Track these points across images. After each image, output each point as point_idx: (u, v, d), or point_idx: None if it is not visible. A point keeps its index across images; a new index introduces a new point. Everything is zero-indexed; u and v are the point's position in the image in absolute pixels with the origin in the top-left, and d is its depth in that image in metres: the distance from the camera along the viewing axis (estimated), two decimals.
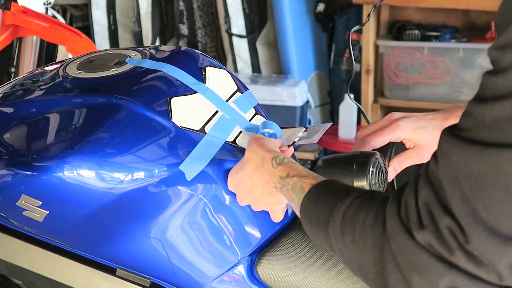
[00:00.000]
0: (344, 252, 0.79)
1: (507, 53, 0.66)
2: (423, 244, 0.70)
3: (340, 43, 3.30)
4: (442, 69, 2.99)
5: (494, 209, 0.67)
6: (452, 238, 0.69)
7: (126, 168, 1.00)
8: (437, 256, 0.70)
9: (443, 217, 0.69)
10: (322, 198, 0.83)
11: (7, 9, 2.03)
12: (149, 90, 1.08)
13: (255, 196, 0.98)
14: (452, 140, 0.69)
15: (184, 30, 3.25)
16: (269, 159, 0.93)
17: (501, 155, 0.66)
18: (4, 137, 1.05)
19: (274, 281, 1.08)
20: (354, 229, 0.77)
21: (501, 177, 0.66)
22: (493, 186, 0.66)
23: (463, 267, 0.69)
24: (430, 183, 0.71)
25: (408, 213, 0.72)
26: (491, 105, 0.67)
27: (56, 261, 1.11)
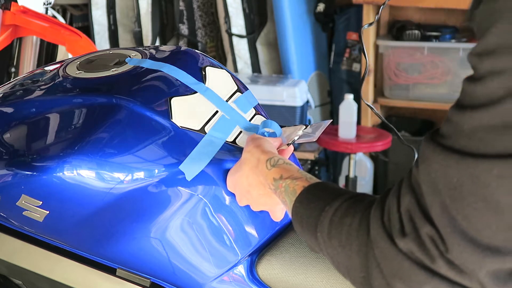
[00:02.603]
0: (332, 256, 0.79)
1: (484, 61, 0.66)
2: (405, 251, 0.71)
3: (340, 43, 3.30)
4: (442, 69, 2.99)
5: (472, 219, 0.67)
6: (433, 246, 0.69)
7: (126, 168, 1.00)
8: (419, 263, 0.70)
9: (424, 225, 0.69)
10: (312, 201, 0.83)
11: (7, 9, 2.03)
12: (149, 90, 1.08)
13: (253, 197, 0.98)
14: (433, 146, 0.69)
15: (184, 30, 3.25)
16: (264, 161, 0.93)
17: (478, 165, 0.66)
18: (4, 137, 1.05)
19: (274, 281, 1.08)
20: (340, 233, 0.77)
21: (479, 187, 0.66)
22: (471, 196, 0.66)
23: (445, 275, 0.69)
24: (412, 189, 0.71)
25: (390, 219, 0.73)
26: (469, 114, 0.67)
27: (56, 261, 1.11)
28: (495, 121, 0.65)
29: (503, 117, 0.64)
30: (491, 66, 0.65)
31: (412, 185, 0.72)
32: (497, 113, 0.65)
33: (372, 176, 3.15)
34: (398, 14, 3.18)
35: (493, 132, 0.65)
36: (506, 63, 0.64)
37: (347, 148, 2.80)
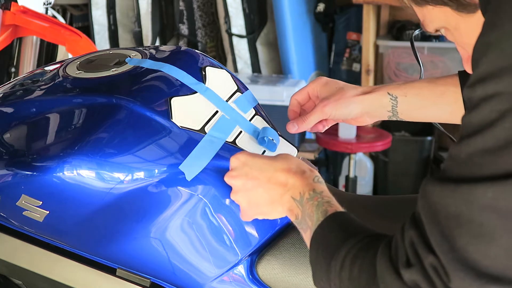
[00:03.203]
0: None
1: (477, 89, 0.68)
2: (410, 284, 0.71)
3: (340, 43, 3.30)
4: (442, 69, 2.99)
5: (470, 247, 0.68)
6: (436, 277, 0.70)
7: (126, 168, 1.00)
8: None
9: (427, 255, 0.70)
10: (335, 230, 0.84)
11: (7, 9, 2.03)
12: (149, 90, 1.08)
13: (262, 211, 0.97)
14: (432, 181, 0.71)
15: (184, 30, 3.25)
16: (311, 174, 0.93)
17: (473, 191, 0.67)
18: (4, 137, 1.05)
19: (274, 281, 1.08)
20: (353, 265, 0.78)
21: (475, 213, 0.67)
22: (468, 224, 0.68)
23: None
24: (415, 223, 0.73)
25: (397, 253, 0.74)
26: (465, 142, 0.69)
27: (56, 261, 1.11)
28: (489, 144, 0.67)
29: (496, 139, 0.66)
30: (483, 93, 0.67)
31: (415, 219, 0.73)
32: (490, 136, 0.67)
33: (372, 176, 3.15)
34: (398, 14, 3.18)
35: (487, 155, 0.67)
36: (496, 88, 0.66)
37: (347, 148, 2.80)
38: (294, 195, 0.91)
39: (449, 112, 1.13)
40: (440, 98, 1.13)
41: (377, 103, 1.13)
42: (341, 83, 1.16)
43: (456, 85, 1.12)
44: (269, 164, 0.95)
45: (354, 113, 1.13)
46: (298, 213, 0.91)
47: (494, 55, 0.67)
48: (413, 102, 1.13)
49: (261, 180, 0.95)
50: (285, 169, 0.94)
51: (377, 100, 1.13)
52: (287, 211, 0.93)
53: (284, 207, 0.93)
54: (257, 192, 0.95)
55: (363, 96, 1.13)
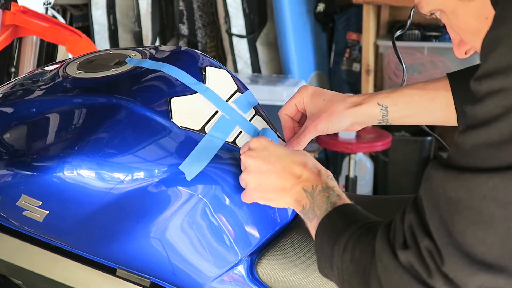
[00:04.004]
0: (340, 271, 0.82)
1: (483, 83, 0.69)
2: (405, 264, 0.73)
3: (340, 43, 3.30)
4: (442, 69, 2.99)
5: (467, 233, 0.69)
6: (430, 260, 0.71)
7: (126, 168, 1.00)
8: (417, 277, 0.72)
9: (424, 238, 0.72)
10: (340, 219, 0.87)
11: (7, 9, 2.03)
12: (149, 90, 1.08)
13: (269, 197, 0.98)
14: (436, 166, 0.73)
15: (184, 30, 3.25)
16: (324, 171, 0.95)
17: (475, 179, 0.69)
18: (4, 137, 1.05)
19: (274, 281, 1.08)
20: (354, 248, 0.80)
21: (475, 200, 0.69)
22: (468, 210, 0.69)
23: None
24: (416, 207, 0.75)
25: (395, 235, 0.75)
26: (470, 133, 0.70)
27: (56, 261, 1.11)
28: (493, 138, 0.68)
29: (501, 134, 0.68)
30: (489, 87, 0.69)
31: (416, 203, 0.75)
32: (495, 130, 0.68)
33: (372, 176, 3.15)
34: (398, 14, 3.18)
35: (491, 148, 0.68)
36: (503, 83, 0.68)
37: (347, 148, 2.80)
38: (306, 187, 0.93)
39: (440, 116, 1.14)
40: (431, 104, 1.13)
41: (368, 114, 1.13)
42: (327, 93, 1.14)
43: (447, 89, 1.12)
44: (287, 155, 0.97)
45: (345, 126, 1.14)
46: (306, 203, 0.92)
47: (503, 50, 0.68)
48: (404, 109, 1.14)
49: (276, 167, 0.96)
50: (302, 163, 0.95)
51: (367, 112, 1.13)
52: (294, 201, 0.94)
53: (292, 197, 0.95)
54: (270, 177, 0.96)
55: (354, 108, 1.12)
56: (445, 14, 0.85)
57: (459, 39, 0.89)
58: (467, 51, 0.90)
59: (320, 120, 1.12)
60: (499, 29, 0.69)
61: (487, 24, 0.71)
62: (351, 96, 1.15)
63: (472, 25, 0.82)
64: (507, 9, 0.69)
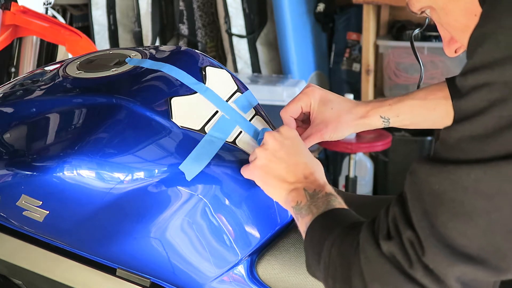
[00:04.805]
0: (327, 266, 0.82)
1: (469, 78, 0.70)
2: (388, 255, 0.74)
3: (340, 43, 3.30)
4: (442, 69, 2.99)
5: (449, 224, 0.70)
6: (412, 250, 0.72)
7: (126, 168, 1.00)
8: (398, 267, 0.73)
9: (406, 230, 0.73)
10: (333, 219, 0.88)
11: (7, 9, 2.03)
12: (149, 90, 1.08)
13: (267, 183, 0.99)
14: (421, 160, 0.74)
15: (184, 30, 3.25)
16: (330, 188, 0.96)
17: (458, 171, 0.70)
18: (4, 137, 1.05)
19: (274, 281, 1.08)
20: (342, 242, 0.81)
21: (458, 192, 0.69)
22: (450, 202, 0.70)
23: (420, 281, 0.72)
24: (400, 200, 0.76)
25: (379, 226, 0.76)
26: (454, 127, 0.71)
27: (56, 261, 1.11)
28: (477, 131, 0.69)
29: (485, 127, 0.68)
30: (474, 82, 0.69)
31: (401, 197, 0.76)
32: (479, 124, 0.69)
33: (372, 176, 3.15)
34: (398, 14, 3.18)
35: (475, 141, 0.69)
36: (488, 78, 0.68)
37: (347, 148, 2.80)
38: (308, 188, 0.94)
39: (441, 123, 1.17)
40: (432, 113, 1.17)
41: (371, 125, 1.18)
42: (334, 100, 1.16)
43: (447, 98, 1.15)
44: (306, 156, 0.99)
45: (348, 134, 1.18)
46: (301, 200, 0.93)
47: (489, 46, 0.69)
48: (405, 120, 1.18)
49: (290, 159, 0.97)
50: (314, 169, 0.97)
51: (371, 123, 1.18)
52: (289, 196, 0.95)
53: (289, 192, 0.95)
54: (280, 164, 0.98)
55: (358, 121, 1.16)
56: (435, 12, 0.86)
57: (449, 37, 0.90)
58: (457, 49, 0.92)
59: (327, 129, 1.15)
60: (486, 26, 0.70)
61: (476, 21, 0.72)
62: (356, 106, 1.17)
63: (461, 22, 0.83)
64: (494, 7, 0.70)
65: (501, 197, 0.68)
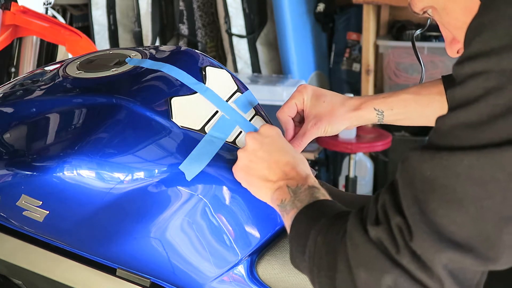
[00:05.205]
0: (312, 255, 0.81)
1: (465, 66, 0.70)
2: (375, 240, 0.73)
3: (340, 43, 3.30)
4: (442, 69, 2.99)
5: (439, 211, 0.69)
6: (400, 236, 0.71)
7: (126, 168, 1.00)
8: (385, 253, 0.72)
9: (396, 216, 0.72)
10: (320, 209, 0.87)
11: (7, 9, 2.03)
12: (149, 90, 1.08)
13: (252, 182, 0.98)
14: (414, 148, 0.74)
15: (184, 30, 3.25)
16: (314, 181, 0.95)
17: (451, 157, 0.69)
18: (4, 137, 1.05)
19: (274, 281, 1.08)
20: (328, 231, 0.80)
21: (450, 179, 0.69)
22: (441, 188, 0.69)
23: (406, 267, 0.71)
24: (391, 188, 0.75)
25: (368, 213, 0.76)
26: (448, 115, 0.71)
27: (56, 261, 1.11)
28: (471, 119, 0.69)
29: (479, 115, 0.68)
30: (471, 70, 0.69)
31: (392, 185, 0.76)
32: (473, 111, 0.68)
33: (372, 176, 3.15)
34: (398, 14, 3.18)
35: (469, 129, 0.69)
36: (485, 66, 0.68)
37: (347, 148, 2.80)
38: (290, 184, 0.93)
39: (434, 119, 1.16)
40: (426, 109, 1.17)
41: (365, 118, 1.18)
42: (327, 94, 1.17)
43: (441, 94, 1.15)
44: (287, 152, 0.98)
45: (343, 128, 1.18)
46: (285, 198, 0.92)
47: (487, 35, 0.69)
48: (399, 114, 1.18)
49: (271, 158, 0.97)
50: (295, 165, 0.96)
51: (364, 116, 1.17)
52: (274, 195, 0.94)
53: (273, 191, 0.94)
54: (260, 164, 0.97)
55: (352, 113, 1.16)
56: (436, 11, 0.87)
57: (451, 38, 0.90)
58: (459, 50, 0.91)
59: (322, 122, 1.14)
60: (484, 16, 0.70)
61: None
62: (350, 99, 1.18)
63: (462, 20, 0.83)
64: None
65: (494, 185, 0.68)
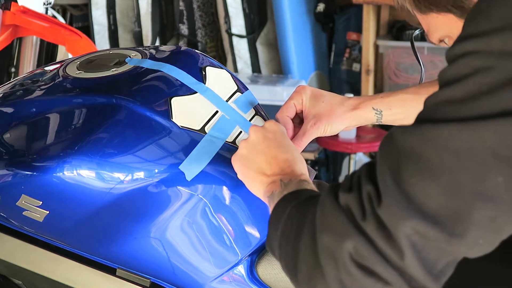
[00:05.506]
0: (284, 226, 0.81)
1: (456, 47, 0.70)
2: (343, 206, 0.73)
3: (340, 43, 3.30)
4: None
5: (412, 181, 0.69)
6: (368, 203, 0.71)
7: (126, 168, 1.00)
8: (350, 219, 0.72)
9: (368, 184, 0.72)
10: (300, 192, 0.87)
11: (7, 9, 2.03)
12: (149, 90, 1.08)
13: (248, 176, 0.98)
14: (398, 126, 0.73)
15: (184, 30, 3.25)
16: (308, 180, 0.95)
17: (431, 128, 0.69)
18: (4, 137, 1.05)
19: (274, 281, 1.08)
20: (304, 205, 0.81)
21: (428, 149, 0.68)
22: (418, 158, 0.69)
23: (369, 234, 0.70)
24: (371, 162, 0.75)
25: (343, 184, 0.76)
26: (435, 93, 0.71)
27: (56, 261, 1.11)
28: (456, 95, 0.68)
29: (465, 92, 0.68)
30: (462, 49, 0.69)
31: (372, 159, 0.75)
32: (459, 88, 0.68)
33: None
34: (398, 14, 3.18)
35: (453, 104, 0.69)
36: (476, 46, 0.68)
37: (347, 148, 2.80)
38: (284, 179, 0.93)
39: None
40: None
41: (364, 117, 1.18)
42: (325, 95, 1.17)
43: None
44: (288, 151, 0.97)
45: (342, 128, 1.18)
46: (276, 189, 0.91)
47: (480, 19, 0.69)
48: (398, 114, 1.18)
49: (270, 152, 0.97)
50: (293, 163, 0.95)
51: (363, 116, 1.17)
52: (267, 187, 0.93)
53: (267, 186, 0.94)
54: (258, 157, 0.97)
55: (351, 112, 1.17)
56: (452, 40, 0.87)
57: None
58: None
59: (321, 122, 1.14)
60: (481, 3, 0.70)
61: None
62: (348, 99, 1.18)
63: None
64: None
65: (470, 157, 0.67)
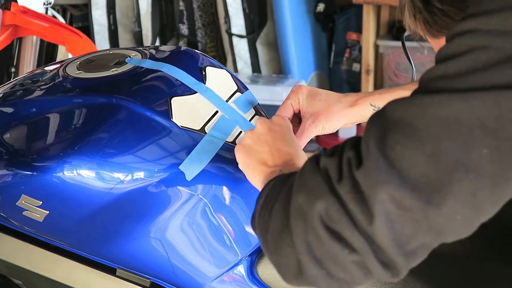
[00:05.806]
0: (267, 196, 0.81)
1: (456, 27, 0.71)
2: (322, 168, 0.73)
3: (340, 43, 3.30)
4: None
5: (396, 147, 0.68)
6: (347, 166, 0.71)
7: (126, 168, 1.00)
8: (326, 181, 0.72)
9: (350, 150, 0.72)
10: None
11: (7, 9, 2.03)
12: (149, 90, 1.08)
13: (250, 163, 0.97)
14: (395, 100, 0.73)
15: (184, 30, 3.25)
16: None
17: (422, 98, 0.69)
18: (4, 137, 1.05)
19: (274, 281, 1.08)
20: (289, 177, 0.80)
21: (416, 117, 0.68)
22: (405, 126, 0.69)
23: (342, 197, 0.70)
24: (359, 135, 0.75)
25: (327, 151, 0.76)
26: (431, 69, 0.71)
27: (56, 261, 1.11)
28: (449, 71, 0.69)
29: (459, 68, 0.68)
30: (459, 29, 0.70)
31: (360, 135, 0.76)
32: (453, 65, 0.69)
33: None
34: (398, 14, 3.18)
35: (445, 79, 0.69)
36: (473, 24, 0.69)
37: None
38: (285, 171, 0.92)
39: None
40: None
41: (362, 114, 1.17)
42: (322, 93, 1.17)
43: None
44: (292, 146, 0.97)
45: (340, 125, 1.17)
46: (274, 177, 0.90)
47: (482, 3, 0.70)
48: None
49: (274, 145, 0.96)
50: (296, 157, 0.95)
51: (361, 112, 1.17)
52: (266, 177, 0.93)
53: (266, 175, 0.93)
54: (262, 147, 0.97)
55: (349, 109, 1.16)
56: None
57: None
58: None
59: (319, 120, 1.14)
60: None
61: None
62: (345, 96, 1.18)
63: None
64: None
65: (457, 126, 0.67)
